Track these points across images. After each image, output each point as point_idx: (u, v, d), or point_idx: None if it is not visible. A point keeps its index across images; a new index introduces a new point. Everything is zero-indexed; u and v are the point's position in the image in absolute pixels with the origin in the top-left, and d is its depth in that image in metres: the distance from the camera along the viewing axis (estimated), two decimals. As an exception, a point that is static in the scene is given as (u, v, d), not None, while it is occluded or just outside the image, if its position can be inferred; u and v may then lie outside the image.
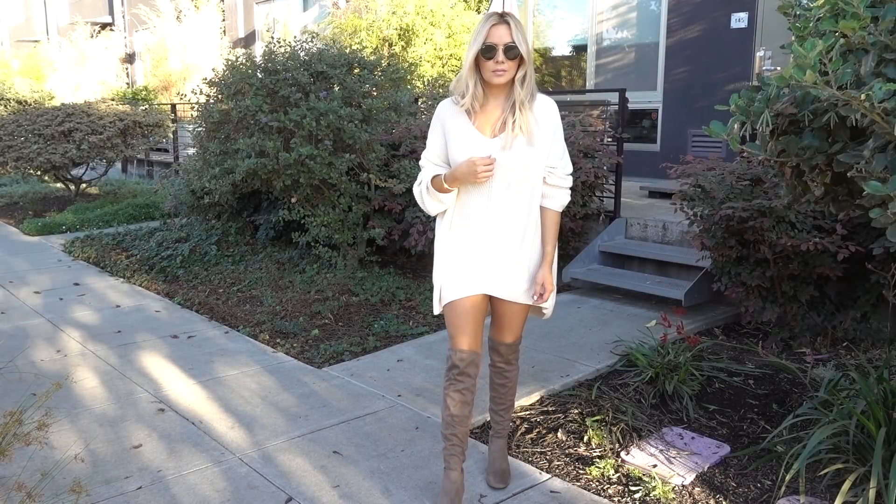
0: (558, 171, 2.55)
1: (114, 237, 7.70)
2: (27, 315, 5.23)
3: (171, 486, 2.82)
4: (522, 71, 2.45)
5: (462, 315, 2.59)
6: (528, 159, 2.47)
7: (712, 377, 3.74)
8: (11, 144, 9.32)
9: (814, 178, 2.43)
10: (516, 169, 2.47)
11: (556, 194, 2.57)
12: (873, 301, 4.09)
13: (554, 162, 2.54)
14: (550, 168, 2.54)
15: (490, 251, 2.56)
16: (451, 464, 2.64)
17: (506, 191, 2.51)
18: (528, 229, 2.56)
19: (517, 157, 2.46)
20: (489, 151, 2.45)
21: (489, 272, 2.57)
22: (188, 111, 11.35)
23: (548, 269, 2.58)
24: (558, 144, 2.55)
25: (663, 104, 8.03)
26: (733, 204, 4.13)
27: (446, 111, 2.55)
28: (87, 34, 18.53)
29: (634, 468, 2.91)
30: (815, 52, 1.89)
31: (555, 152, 2.54)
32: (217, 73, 6.10)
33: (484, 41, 2.39)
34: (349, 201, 5.87)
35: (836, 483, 2.61)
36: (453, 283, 2.58)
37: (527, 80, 2.45)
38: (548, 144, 2.51)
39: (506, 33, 2.38)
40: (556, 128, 2.53)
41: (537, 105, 2.49)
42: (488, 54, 2.39)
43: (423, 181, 2.58)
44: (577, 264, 5.59)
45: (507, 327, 2.71)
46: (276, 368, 4.11)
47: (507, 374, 2.81)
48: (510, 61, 2.40)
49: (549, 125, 2.52)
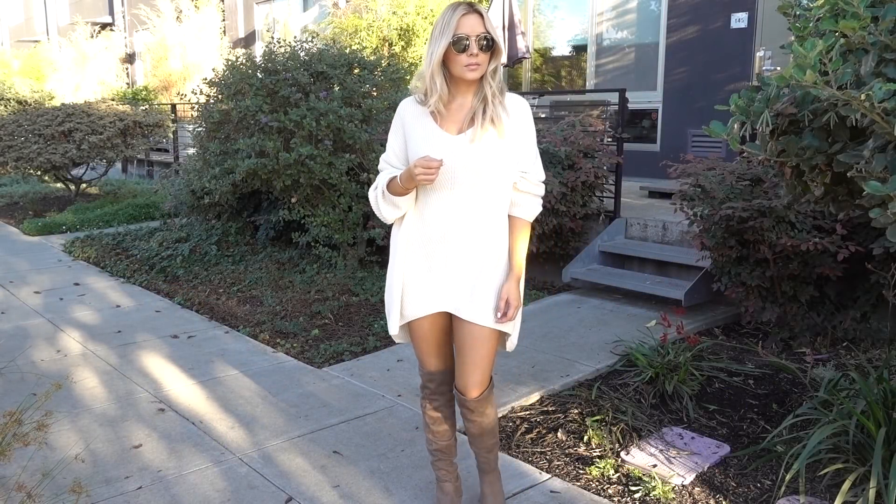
0: (531, 175, 2.29)
1: (114, 237, 7.70)
2: (27, 315, 5.23)
3: (172, 486, 2.82)
4: (495, 63, 2.22)
5: (423, 338, 2.38)
6: (497, 154, 2.21)
7: (712, 377, 3.74)
8: (11, 144, 9.32)
9: (814, 178, 2.43)
10: (483, 166, 2.20)
11: (528, 202, 2.30)
12: (873, 301, 4.09)
13: (526, 165, 2.28)
14: (522, 172, 2.27)
15: (451, 263, 2.27)
16: (441, 476, 2.57)
17: (470, 192, 2.22)
18: (496, 239, 2.27)
19: (485, 151, 2.19)
20: (454, 149, 2.19)
21: (450, 287, 2.28)
22: (188, 111, 11.35)
23: (514, 283, 2.26)
24: (531, 146, 2.30)
25: (663, 104, 8.03)
26: (733, 204, 4.13)
27: (408, 111, 2.30)
28: (87, 34, 18.53)
29: (634, 468, 2.91)
30: (815, 52, 1.89)
31: (527, 154, 2.28)
32: (217, 73, 6.11)
33: (454, 33, 2.14)
34: (349, 201, 5.87)
35: (836, 483, 2.61)
36: (410, 300, 2.31)
37: (498, 73, 2.24)
38: (519, 142, 2.25)
39: (478, 23, 2.14)
40: (528, 126, 2.28)
41: (508, 101, 2.25)
42: (460, 47, 2.14)
43: (378, 185, 2.31)
44: (577, 264, 5.59)
45: (470, 362, 2.30)
46: (276, 368, 4.11)
47: (482, 423, 2.42)
48: (484, 53, 2.16)
49: (521, 121, 2.26)
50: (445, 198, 2.23)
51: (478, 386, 2.34)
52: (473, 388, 2.34)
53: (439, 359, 2.43)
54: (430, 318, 2.34)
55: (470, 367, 2.32)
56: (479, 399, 2.37)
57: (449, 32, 2.14)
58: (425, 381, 2.47)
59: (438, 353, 2.42)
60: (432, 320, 2.34)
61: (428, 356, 2.42)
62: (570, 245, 5.85)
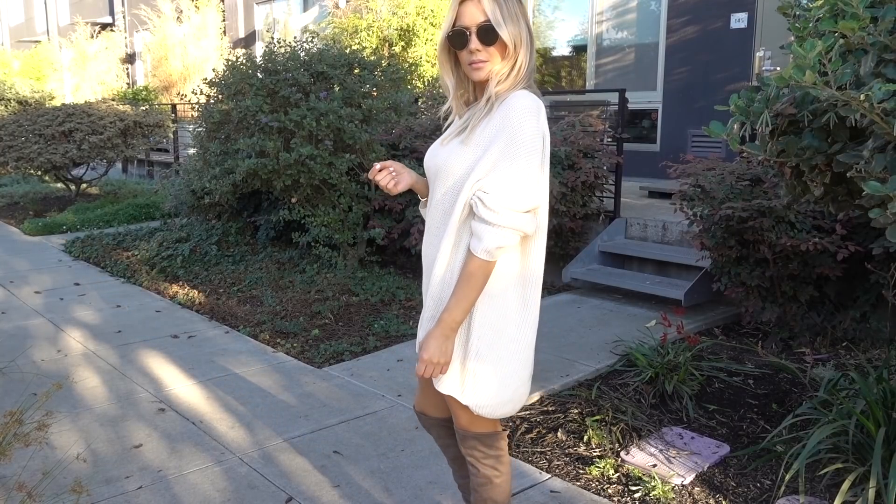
0: (490, 198, 1.67)
1: (114, 237, 7.70)
2: (28, 315, 5.24)
3: (172, 486, 2.83)
4: (509, 62, 1.74)
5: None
6: (451, 163, 1.76)
7: (712, 377, 3.74)
8: (12, 144, 9.33)
9: (813, 178, 2.43)
10: (442, 176, 1.80)
11: (479, 231, 1.69)
12: (873, 301, 4.10)
13: (488, 185, 1.68)
14: (481, 193, 1.69)
15: (424, 290, 1.89)
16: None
17: (436, 207, 1.83)
18: (437, 268, 1.79)
19: (447, 160, 1.78)
20: (432, 155, 1.86)
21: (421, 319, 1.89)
22: (188, 111, 11.36)
23: (436, 331, 1.72)
24: (499, 161, 1.68)
25: (663, 104, 8.04)
26: (733, 204, 4.13)
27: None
28: (87, 34, 18.54)
29: (634, 468, 2.91)
30: (814, 52, 1.89)
31: (496, 168, 1.68)
32: (217, 73, 6.11)
33: (452, 25, 1.75)
34: (349, 201, 5.87)
35: (835, 483, 2.61)
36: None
37: (513, 74, 1.75)
38: (484, 150, 1.70)
39: (478, 10, 1.70)
40: (503, 134, 1.67)
41: (506, 99, 1.72)
42: (458, 42, 1.74)
43: None
44: (577, 264, 5.60)
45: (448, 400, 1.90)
46: (276, 368, 4.11)
47: (474, 475, 1.96)
48: (487, 47, 1.72)
49: (495, 126, 1.70)
50: (428, 212, 1.90)
51: (456, 416, 1.91)
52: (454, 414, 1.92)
53: (423, 397, 2.08)
54: None
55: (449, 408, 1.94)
56: (463, 435, 1.91)
57: (447, 24, 1.76)
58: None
59: (423, 391, 2.07)
60: None
61: (418, 389, 2.11)
62: (570, 245, 5.85)
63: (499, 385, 1.80)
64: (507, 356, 1.80)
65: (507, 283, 1.78)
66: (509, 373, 1.81)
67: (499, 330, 1.78)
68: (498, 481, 1.94)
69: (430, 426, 2.11)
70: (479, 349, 1.78)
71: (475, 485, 1.96)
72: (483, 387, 1.79)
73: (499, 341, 1.79)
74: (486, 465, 1.92)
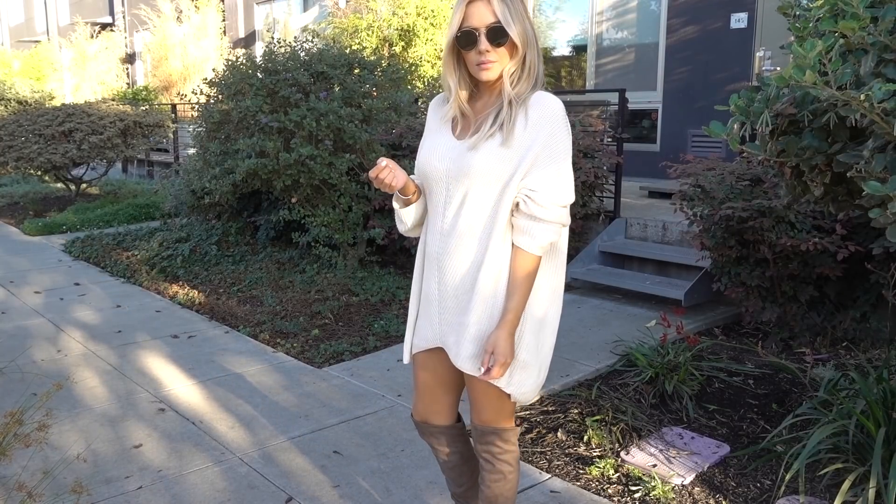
0: (539, 196, 1.76)
1: (114, 237, 7.70)
2: (28, 315, 5.24)
3: (172, 486, 2.83)
4: (517, 61, 1.78)
5: (415, 373, 2.05)
6: (495, 165, 1.77)
7: (712, 377, 3.74)
8: (12, 144, 9.33)
9: (813, 178, 2.43)
10: (477, 178, 1.79)
11: (531, 229, 1.77)
12: (873, 301, 4.10)
13: (534, 183, 1.76)
14: (529, 191, 1.76)
15: (441, 293, 1.90)
16: None
17: (460, 209, 1.83)
18: (487, 269, 1.81)
19: (482, 161, 1.77)
20: (451, 156, 1.83)
21: (441, 321, 1.92)
22: (188, 111, 11.36)
23: (505, 331, 1.77)
24: (546, 160, 1.76)
25: (663, 104, 8.04)
26: (733, 204, 4.13)
27: (432, 108, 1.99)
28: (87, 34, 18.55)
29: (634, 468, 2.91)
30: (814, 52, 1.89)
31: (537, 169, 1.76)
32: (217, 73, 6.11)
33: (459, 26, 1.77)
34: (349, 201, 5.87)
35: (835, 483, 2.61)
36: (410, 329, 2.05)
37: (525, 74, 1.79)
38: (529, 154, 1.76)
39: (487, 11, 1.73)
40: (548, 135, 1.76)
41: (533, 102, 1.77)
42: (466, 43, 1.77)
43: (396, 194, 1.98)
44: (577, 264, 5.60)
45: (471, 400, 1.97)
46: (276, 368, 4.11)
47: (489, 472, 2.00)
48: (497, 48, 1.75)
49: (538, 128, 1.76)
50: (441, 212, 1.88)
51: (481, 414, 1.97)
52: (476, 414, 1.99)
53: (426, 404, 2.07)
54: (424, 354, 2.01)
55: (472, 402, 1.97)
56: (482, 430, 1.97)
57: (454, 25, 1.78)
58: (414, 423, 2.15)
59: (426, 398, 2.06)
60: (426, 356, 2.01)
61: (416, 396, 2.08)
62: (570, 245, 5.85)
63: (538, 370, 1.91)
64: (545, 342, 1.92)
65: (544, 274, 1.89)
66: (545, 357, 1.93)
67: (540, 319, 1.89)
68: (511, 477, 2.01)
69: (434, 434, 2.10)
70: (528, 340, 1.86)
71: (489, 481, 2.01)
72: (527, 375, 1.88)
73: (542, 330, 1.90)
74: (501, 461, 1.99)
